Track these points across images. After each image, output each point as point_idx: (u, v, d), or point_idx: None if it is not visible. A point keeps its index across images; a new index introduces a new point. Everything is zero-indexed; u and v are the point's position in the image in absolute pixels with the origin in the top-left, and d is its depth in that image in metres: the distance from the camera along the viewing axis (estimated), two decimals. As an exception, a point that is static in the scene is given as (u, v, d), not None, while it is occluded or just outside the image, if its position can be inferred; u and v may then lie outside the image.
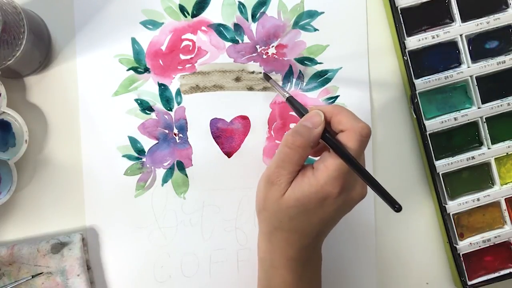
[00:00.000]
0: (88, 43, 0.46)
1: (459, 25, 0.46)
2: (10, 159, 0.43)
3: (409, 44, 0.46)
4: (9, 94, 0.43)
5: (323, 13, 0.46)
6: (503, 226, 0.47)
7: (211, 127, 0.46)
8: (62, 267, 0.43)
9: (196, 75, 0.46)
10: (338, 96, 0.47)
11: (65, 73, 0.46)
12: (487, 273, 0.46)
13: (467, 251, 0.46)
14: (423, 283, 0.48)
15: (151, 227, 0.46)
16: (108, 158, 0.45)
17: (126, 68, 0.46)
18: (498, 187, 0.46)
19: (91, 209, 0.45)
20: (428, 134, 0.46)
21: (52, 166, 0.45)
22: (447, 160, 0.46)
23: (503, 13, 0.46)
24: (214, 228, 0.46)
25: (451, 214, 0.46)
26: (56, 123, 0.46)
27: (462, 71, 0.46)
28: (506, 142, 0.47)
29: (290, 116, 0.47)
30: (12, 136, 0.44)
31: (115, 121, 0.46)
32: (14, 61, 0.40)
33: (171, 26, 0.46)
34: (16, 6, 0.40)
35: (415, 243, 0.48)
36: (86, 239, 0.45)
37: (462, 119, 0.46)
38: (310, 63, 0.47)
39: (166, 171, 0.46)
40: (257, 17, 0.46)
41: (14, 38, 0.39)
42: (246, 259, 0.46)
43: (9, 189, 0.43)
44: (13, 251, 0.43)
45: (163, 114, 0.46)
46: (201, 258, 0.46)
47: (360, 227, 0.47)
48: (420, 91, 0.46)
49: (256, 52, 0.46)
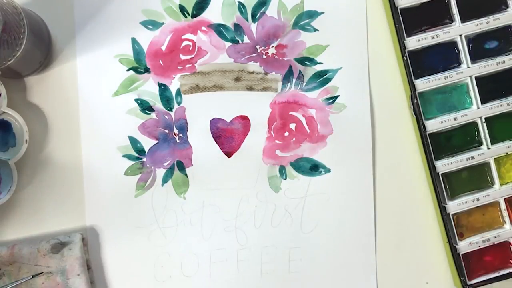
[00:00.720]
0: (88, 43, 0.46)
1: (459, 25, 0.46)
2: (10, 159, 0.43)
3: (408, 44, 0.46)
4: (9, 94, 0.43)
5: (323, 13, 0.47)
6: (503, 226, 0.47)
7: (211, 127, 0.46)
8: (62, 267, 0.44)
9: (196, 75, 0.46)
10: (338, 96, 0.47)
11: (65, 73, 0.46)
12: (486, 273, 0.47)
13: (466, 251, 0.46)
14: (423, 283, 0.48)
15: (151, 227, 0.46)
16: (108, 158, 0.45)
17: (126, 68, 0.46)
18: (498, 187, 0.47)
19: (91, 209, 0.45)
20: (427, 134, 0.46)
21: (52, 166, 0.45)
22: (447, 160, 0.46)
23: (503, 13, 0.46)
24: (214, 228, 0.46)
25: (451, 214, 0.46)
26: (56, 123, 0.46)
27: (462, 71, 0.46)
28: (506, 142, 0.47)
29: (290, 116, 0.47)
30: (12, 136, 0.44)
31: (115, 121, 0.46)
32: (14, 61, 0.40)
33: (171, 26, 0.46)
34: (16, 6, 0.40)
35: (415, 243, 0.48)
36: (86, 239, 0.45)
37: (462, 119, 0.46)
38: (310, 63, 0.47)
39: (166, 171, 0.46)
40: (257, 17, 0.46)
41: (14, 38, 0.39)
42: (246, 259, 0.46)
43: (9, 189, 0.43)
44: (13, 251, 0.43)
45: (163, 114, 0.46)
46: (201, 258, 0.46)
47: (360, 228, 0.47)
48: (419, 91, 0.46)
49: (256, 52, 0.46)
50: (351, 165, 0.47)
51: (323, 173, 0.47)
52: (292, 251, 0.47)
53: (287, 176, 0.47)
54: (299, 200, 0.47)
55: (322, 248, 0.47)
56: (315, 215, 0.47)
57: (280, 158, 0.47)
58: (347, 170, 0.47)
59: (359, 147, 0.47)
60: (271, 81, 0.46)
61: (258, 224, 0.46)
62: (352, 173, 0.47)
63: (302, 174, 0.47)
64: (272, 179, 0.47)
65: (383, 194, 0.47)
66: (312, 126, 0.47)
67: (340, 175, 0.47)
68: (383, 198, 0.47)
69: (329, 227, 0.47)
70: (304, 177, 0.47)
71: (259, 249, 0.46)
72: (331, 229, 0.47)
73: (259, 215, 0.46)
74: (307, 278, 0.47)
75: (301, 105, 0.47)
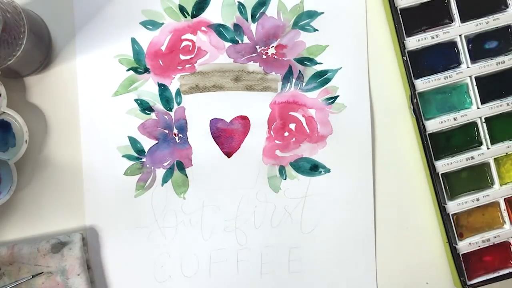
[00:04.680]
0: (88, 43, 0.46)
1: (459, 25, 0.46)
2: (10, 159, 0.43)
3: (408, 44, 0.46)
4: (9, 94, 0.43)
5: (322, 13, 0.47)
6: (503, 226, 0.47)
7: (211, 127, 0.46)
8: (62, 266, 0.44)
9: (196, 75, 0.46)
10: (338, 96, 0.47)
11: (65, 73, 0.46)
12: (486, 273, 0.47)
13: (466, 251, 0.46)
14: (423, 283, 0.48)
15: (151, 227, 0.46)
16: (108, 158, 0.45)
17: (126, 68, 0.46)
18: (498, 187, 0.47)
19: (91, 209, 0.45)
20: (427, 134, 0.46)
21: (52, 166, 0.45)
22: (447, 160, 0.46)
23: (503, 13, 0.46)
24: (214, 228, 0.46)
25: (451, 214, 0.46)
26: (56, 123, 0.46)
27: (462, 71, 0.46)
28: (506, 142, 0.47)
29: (289, 116, 0.47)
30: (12, 136, 0.44)
31: (115, 121, 0.46)
32: (14, 61, 0.40)
33: (171, 26, 0.46)
34: (16, 6, 0.40)
35: (415, 243, 0.48)
36: (86, 239, 0.45)
37: (462, 119, 0.46)
38: (309, 63, 0.47)
39: (166, 171, 0.46)
40: (256, 17, 0.46)
41: (14, 38, 0.39)
42: (246, 259, 0.46)
43: (9, 189, 0.43)
44: (13, 251, 0.43)
45: (163, 114, 0.46)
46: (201, 258, 0.46)
47: (360, 228, 0.47)
48: (419, 91, 0.46)
49: (255, 52, 0.46)
50: (351, 165, 0.47)
51: (323, 173, 0.47)
52: (292, 251, 0.47)
53: (287, 176, 0.47)
54: (299, 200, 0.47)
55: (322, 248, 0.47)
56: (315, 215, 0.47)
57: (280, 158, 0.47)
58: (347, 170, 0.47)
59: (359, 147, 0.47)
60: (271, 81, 0.46)
61: (258, 224, 0.46)
62: (352, 173, 0.47)
63: (302, 174, 0.47)
64: (272, 179, 0.47)
65: (383, 194, 0.47)
66: (312, 126, 0.47)
67: (340, 175, 0.47)
68: (383, 198, 0.47)
69: (329, 227, 0.47)
70: (304, 177, 0.47)
71: (259, 249, 0.46)
72: (331, 229, 0.47)
73: (259, 215, 0.46)
74: (307, 278, 0.47)
75: (301, 105, 0.47)
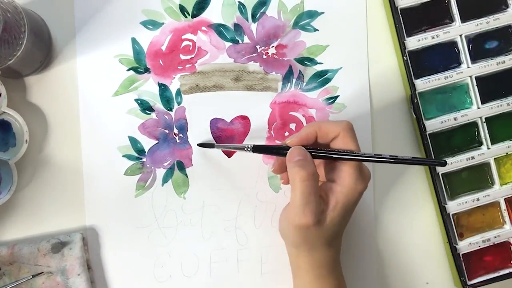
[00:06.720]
0: (88, 43, 0.46)
1: (459, 25, 0.46)
2: (10, 159, 0.43)
3: (409, 44, 0.46)
4: (9, 94, 0.43)
5: (323, 13, 0.47)
6: (503, 226, 0.47)
7: (211, 127, 0.46)
8: (63, 266, 0.44)
9: (196, 75, 0.46)
10: (338, 96, 0.47)
11: (65, 73, 0.46)
12: (487, 273, 0.47)
13: (467, 251, 0.46)
14: (423, 283, 0.48)
15: (151, 227, 0.46)
16: (108, 158, 0.45)
17: (126, 68, 0.46)
18: (498, 187, 0.47)
19: (91, 209, 0.45)
20: (428, 134, 0.46)
21: (52, 166, 0.45)
22: (447, 160, 0.46)
23: (503, 13, 0.46)
24: (214, 228, 0.46)
25: (451, 214, 0.46)
26: (56, 123, 0.46)
27: (462, 71, 0.46)
28: (506, 142, 0.47)
29: (290, 116, 0.47)
30: (13, 136, 0.44)
31: (115, 121, 0.46)
32: (14, 60, 0.40)
33: (171, 26, 0.46)
34: (17, 5, 0.40)
35: (415, 243, 0.48)
36: (86, 239, 0.45)
37: (462, 119, 0.46)
38: (310, 63, 0.47)
39: (166, 171, 0.46)
40: (257, 17, 0.46)
41: (15, 38, 0.39)
42: (246, 259, 0.46)
43: (9, 189, 0.43)
44: (13, 251, 0.43)
45: (163, 114, 0.46)
46: (201, 258, 0.46)
47: (360, 227, 0.47)
48: (420, 91, 0.46)
49: (256, 52, 0.46)
50: (351, 165, 0.47)
51: (323, 173, 0.47)
52: (292, 251, 0.47)
53: (287, 176, 0.47)
54: (299, 200, 0.46)
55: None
56: (315, 215, 0.47)
57: (280, 158, 0.46)
58: (347, 170, 0.47)
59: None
60: (271, 81, 0.46)
61: (258, 224, 0.46)
62: (352, 173, 0.47)
63: (302, 174, 0.47)
64: (272, 179, 0.47)
65: (383, 194, 0.47)
66: (312, 126, 0.47)
67: (340, 175, 0.47)
68: (383, 198, 0.47)
69: (329, 227, 0.47)
70: (304, 177, 0.47)
71: (259, 249, 0.46)
72: (331, 229, 0.47)
73: (259, 215, 0.46)
74: (307, 278, 0.47)
75: (301, 105, 0.47)
